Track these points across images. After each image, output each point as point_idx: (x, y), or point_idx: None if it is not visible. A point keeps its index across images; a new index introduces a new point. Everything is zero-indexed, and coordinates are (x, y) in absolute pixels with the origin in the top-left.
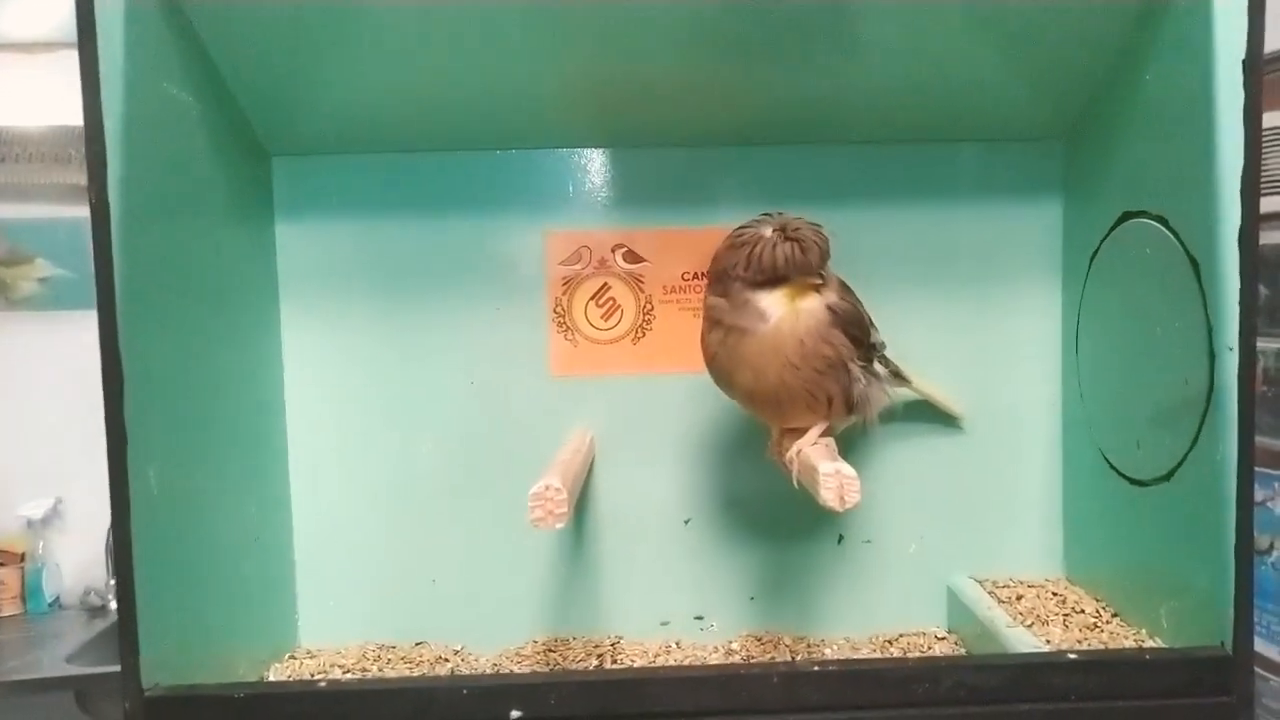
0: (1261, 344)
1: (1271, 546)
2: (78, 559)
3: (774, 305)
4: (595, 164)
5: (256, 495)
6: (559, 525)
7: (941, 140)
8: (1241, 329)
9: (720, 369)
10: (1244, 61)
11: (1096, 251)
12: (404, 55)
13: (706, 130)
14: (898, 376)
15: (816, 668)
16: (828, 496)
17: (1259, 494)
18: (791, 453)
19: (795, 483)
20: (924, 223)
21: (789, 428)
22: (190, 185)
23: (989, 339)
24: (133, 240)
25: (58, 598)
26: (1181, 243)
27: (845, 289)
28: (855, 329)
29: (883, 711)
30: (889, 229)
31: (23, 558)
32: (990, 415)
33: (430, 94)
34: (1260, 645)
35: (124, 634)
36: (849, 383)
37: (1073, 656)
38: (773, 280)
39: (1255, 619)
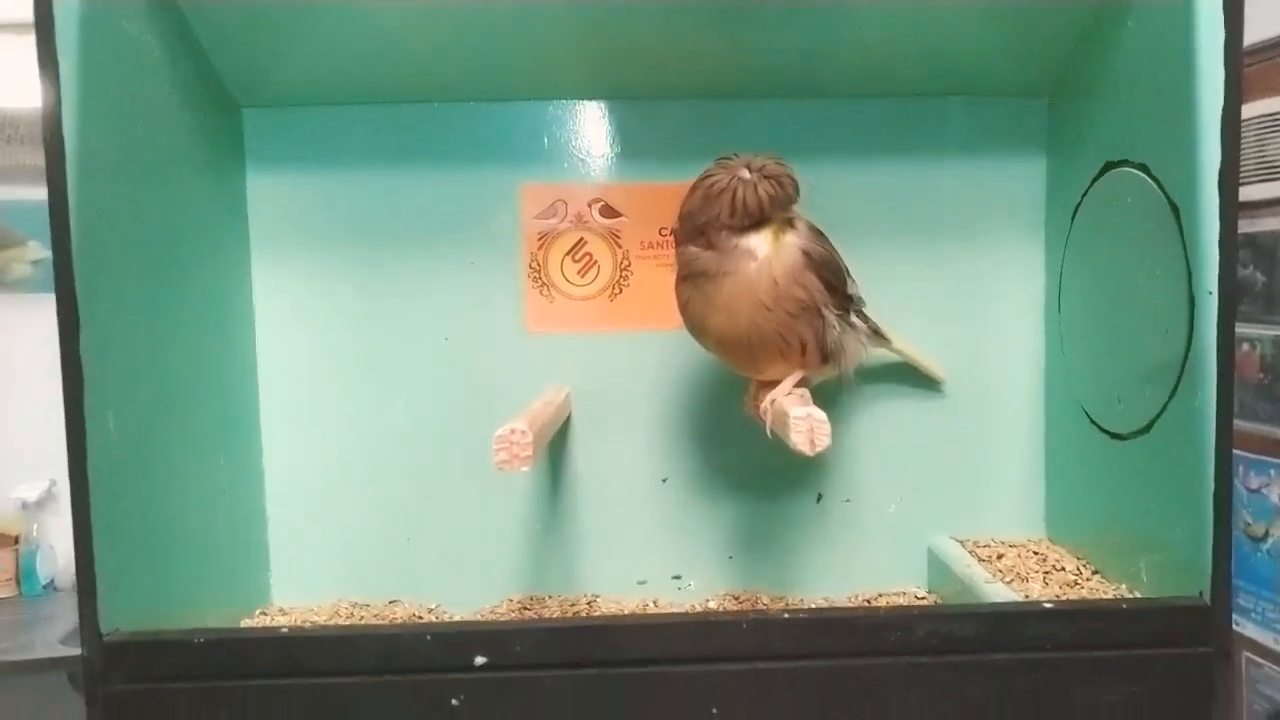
0: (1259, 331)
1: (1267, 534)
2: (72, 541)
3: (761, 244)
4: (572, 116)
5: (225, 448)
6: (524, 468)
7: (924, 95)
8: (1221, 272)
9: (694, 315)
10: (1224, 1)
11: (1079, 205)
12: (379, 4)
13: (687, 84)
14: (877, 334)
15: (787, 615)
16: (798, 440)
17: (1255, 481)
18: (765, 403)
19: (769, 433)
20: (906, 179)
21: (764, 380)
22: (154, 133)
23: (972, 297)
24: (89, 182)
25: (52, 580)
26: (1162, 188)
27: (819, 235)
28: (829, 274)
29: (854, 660)
30: (870, 185)
31: (17, 540)
32: (973, 374)
33: (406, 44)
34: (1258, 633)
35: (81, 578)
36: (822, 328)
37: (1048, 605)
38: (758, 222)
39: (1252, 606)
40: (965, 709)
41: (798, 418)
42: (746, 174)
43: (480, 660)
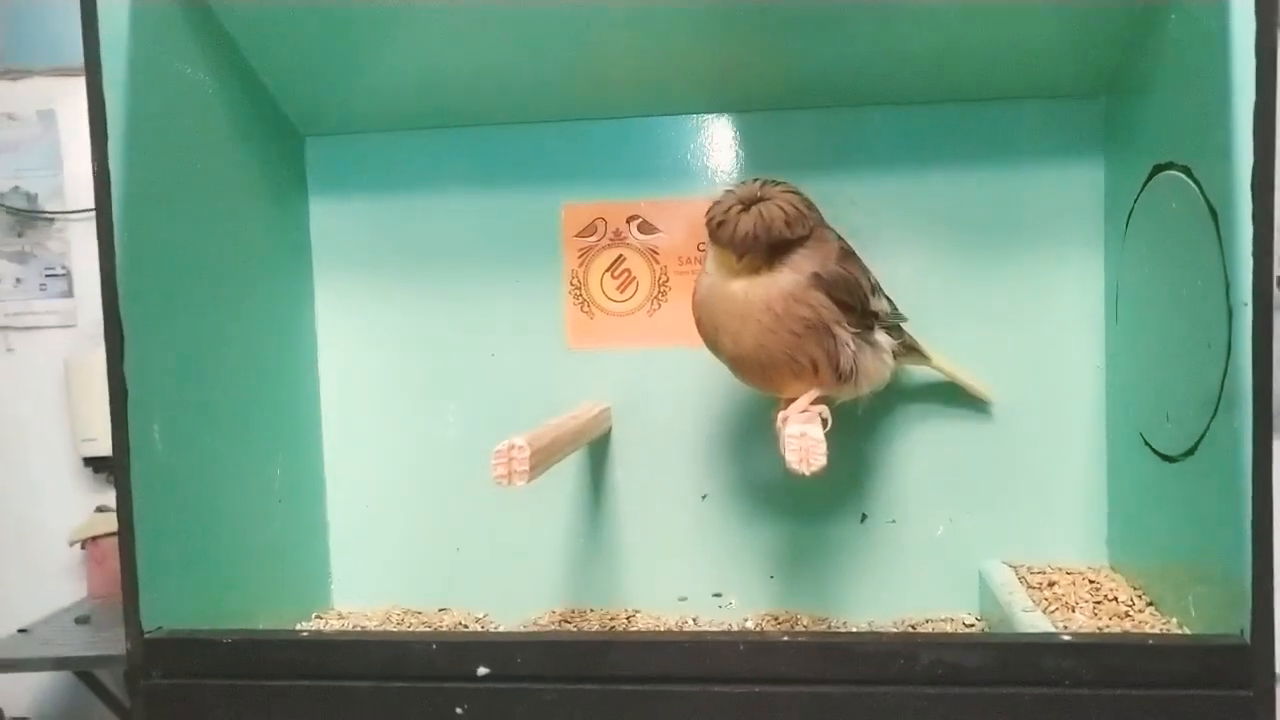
0: None
1: None
2: None
3: (714, 268)
4: (610, 135)
5: (282, 460)
6: (521, 483)
7: (978, 100)
8: (1255, 282)
9: (704, 332)
10: None
11: (1132, 211)
12: (434, 38)
13: (725, 97)
14: (914, 351)
15: (786, 638)
16: (791, 458)
17: None
18: (779, 421)
19: (781, 450)
20: (958, 187)
21: (789, 399)
22: (209, 164)
23: (1029, 308)
24: (138, 210)
25: None
26: (1203, 192)
27: (845, 255)
28: (843, 294)
29: (854, 688)
30: (921, 194)
31: None
32: (1030, 389)
33: (459, 72)
34: None
35: (125, 577)
36: (834, 347)
37: (1066, 638)
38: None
39: None
40: None
41: (791, 435)
42: (732, 201)
43: (483, 670)
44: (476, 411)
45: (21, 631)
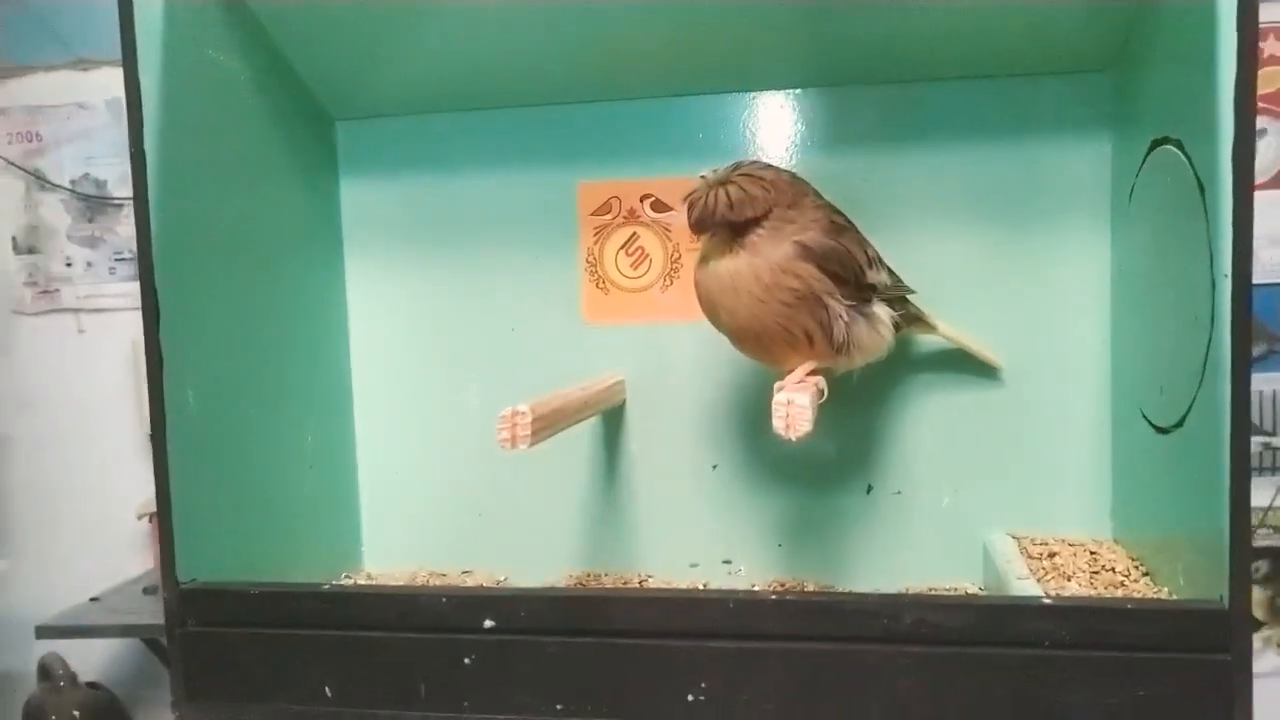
0: None
1: None
2: None
3: (702, 247)
4: (623, 117)
5: (314, 428)
6: (523, 447)
7: (987, 76)
8: (1235, 255)
9: (706, 309)
10: None
11: (1134, 186)
12: (459, 24)
13: (734, 78)
14: (919, 321)
15: (774, 596)
16: (778, 424)
17: None
18: (775, 391)
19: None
20: (969, 163)
21: (789, 371)
22: (241, 146)
23: (1037, 283)
24: (172, 190)
25: None
26: (1192, 165)
27: (838, 228)
28: (835, 266)
29: (839, 645)
30: (930, 170)
31: None
32: (1036, 363)
33: (482, 56)
34: None
35: (161, 532)
36: (827, 319)
37: (1046, 601)
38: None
39: None
40: (953, 701)
41: (778, 402)
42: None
43: (489, 623)
44: (497, 383)
45: (93, 600)
